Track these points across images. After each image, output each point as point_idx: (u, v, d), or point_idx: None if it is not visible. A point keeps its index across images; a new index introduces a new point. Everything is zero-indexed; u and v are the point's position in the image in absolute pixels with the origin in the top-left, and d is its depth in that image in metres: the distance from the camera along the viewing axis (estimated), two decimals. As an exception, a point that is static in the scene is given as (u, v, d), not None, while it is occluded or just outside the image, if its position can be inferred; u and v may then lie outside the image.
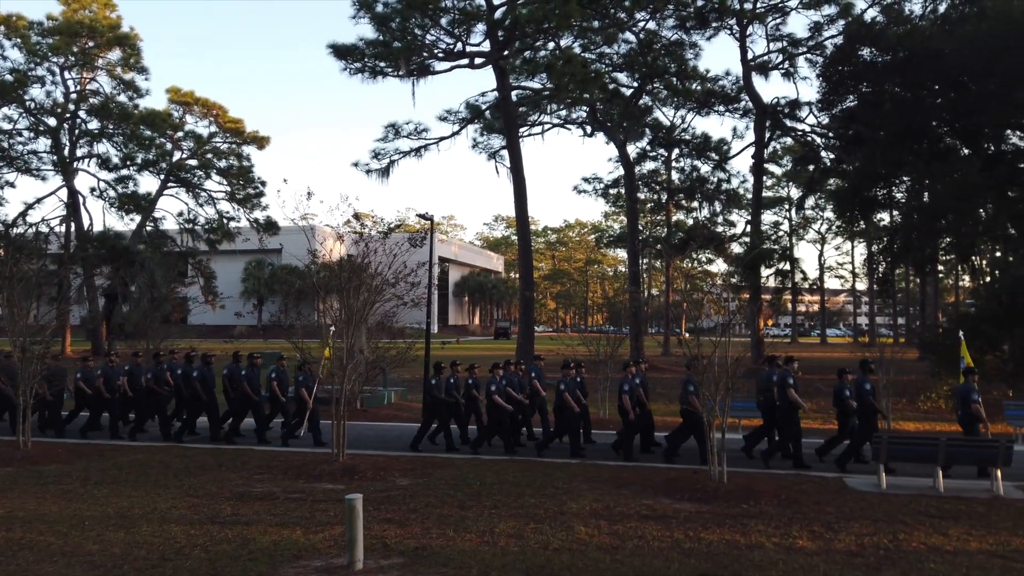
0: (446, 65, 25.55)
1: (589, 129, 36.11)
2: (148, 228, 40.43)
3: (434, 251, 18.53)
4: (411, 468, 11.67)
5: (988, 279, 33.09)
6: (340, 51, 24.01)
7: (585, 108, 33.55)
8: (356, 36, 43.03)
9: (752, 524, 8.63)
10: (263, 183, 41.52)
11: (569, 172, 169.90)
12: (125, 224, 41.41)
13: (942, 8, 26.80)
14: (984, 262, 40.11)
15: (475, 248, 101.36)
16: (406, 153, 28.37)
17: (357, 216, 12.47)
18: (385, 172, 28.17)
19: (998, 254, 32.67)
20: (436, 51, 24.84)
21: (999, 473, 10.19)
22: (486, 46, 25.10)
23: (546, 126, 35.08)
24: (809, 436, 14.26)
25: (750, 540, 8.04)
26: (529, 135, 35.90)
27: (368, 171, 28.37)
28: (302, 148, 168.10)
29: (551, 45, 28.65)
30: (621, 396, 12.92)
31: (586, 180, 49.64)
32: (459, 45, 24.90)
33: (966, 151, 26.37)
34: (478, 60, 25.23)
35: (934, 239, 26.78)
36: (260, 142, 41.58)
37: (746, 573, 7.02)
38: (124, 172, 39.52)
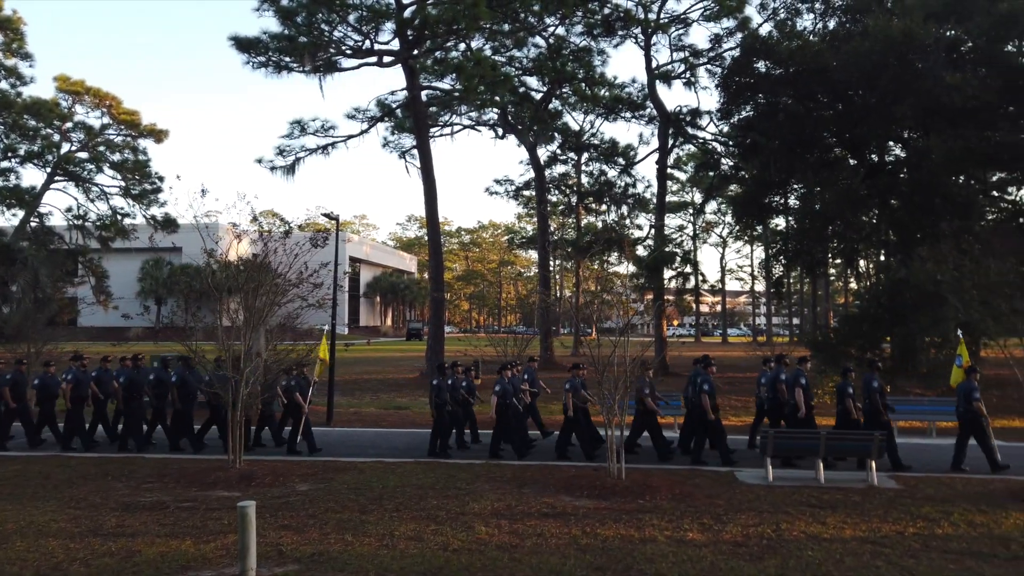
0: (354, 62, 25.09)
1: (500, 131, 36.40)
2: (33, 224, 37.91)
3: (339, 251, 18.21)
4: (311, 473, 11.44)
5: (873, 282, 35.23)
6: (243, 44, 23.20)
7: (496, 110, 33.77)
8: (260, 29, 41.67)
9: (647, 518, 8.91)
10: (161, 178, 39.54)
11: (483, 173, 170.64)
12: (6, 220, 38.74)
13: (831, 25, 28.46)
14: (870, 266, 42.73)
15: (387, 248, 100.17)
16: (313, 150, 27.74)
17: (255, 217, 12.13)
18: (290, 169, 27.46)
19: (882, 258, 34.79)
20: (344, 48, 24.34)
21: (874, 464, 10.90)
22: (395, 45, 24.83)
23: (457, 127, 35.12)
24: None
25: (644, 534, 8.31)
26: (440, 135, 35.85)
27: (273, 168, 27.58)
28: (206, 143, 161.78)
29: (462, 46, 28.71)
30: (643, 398, 12.92)
31: (498, 182, 50.02)
32: (367, 43, 24.51)
33: (853, 161, 28.06)
34: (387, 58, 24.89)
35: (824, 244, 28.35)
36: (158, 135, 39.62)
37: (638, 566, 7.25)
38: (5, 164, 36.93)
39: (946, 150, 21.10)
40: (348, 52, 24.67)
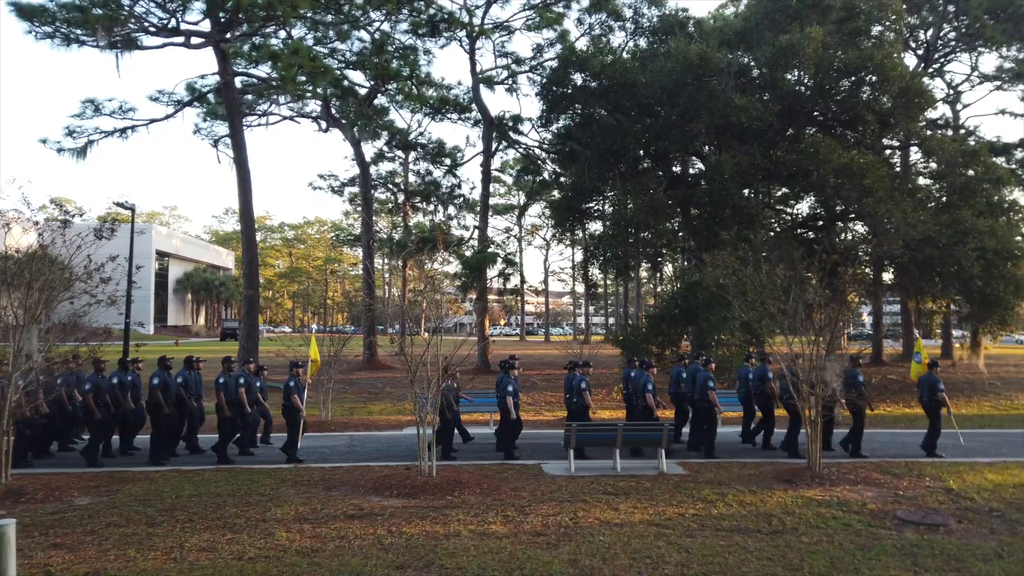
0: (158, 41, 23.16)
1: (324, 125, 35.30)
2: None
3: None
4: (94, 486, 10.48)
5: (678, 285, 38.05)
6: (24, 11, 20.63)
7: (319, 102, 32.73)
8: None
9: (453, 514, 9.05)
10: (-78, 156, 34.37)
11: (310, 167, 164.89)
12: None
13: (642, 44, 30.49)
14: (674, 269, 46.19)
15: (201, 242, 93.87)
16: (109, 133, 25.31)
17: (31, 204, 10.85)
18: (82, 152, 24.84)
19: (687, 263, 37.68)
20: (146, 24, 22.46)
21: (663, 452, 11.81)
22: (206, 26, 23.31)
23: (275, 117, 33.66)
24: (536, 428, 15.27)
25: (448, 530, 8.43)
26: (257, 125, 34.21)
27: (60, 150, 24.85)
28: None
29: (282, 34, 27.53)
30: (645, 395, 13.02)
31: (322, 177, 48.58)
32: (173, 21, 22.79)
33: (659, 172, 30.20)
34: (196, 40, 23.26)
35: (634, 248, 30.25)
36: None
37: (440, 561, 7.35)
38: None
39: (734, 165, 23.35)
40: (151, 30, 22.79)
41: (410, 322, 13.40)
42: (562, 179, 33.80)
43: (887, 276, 29.31)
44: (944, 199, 27.00)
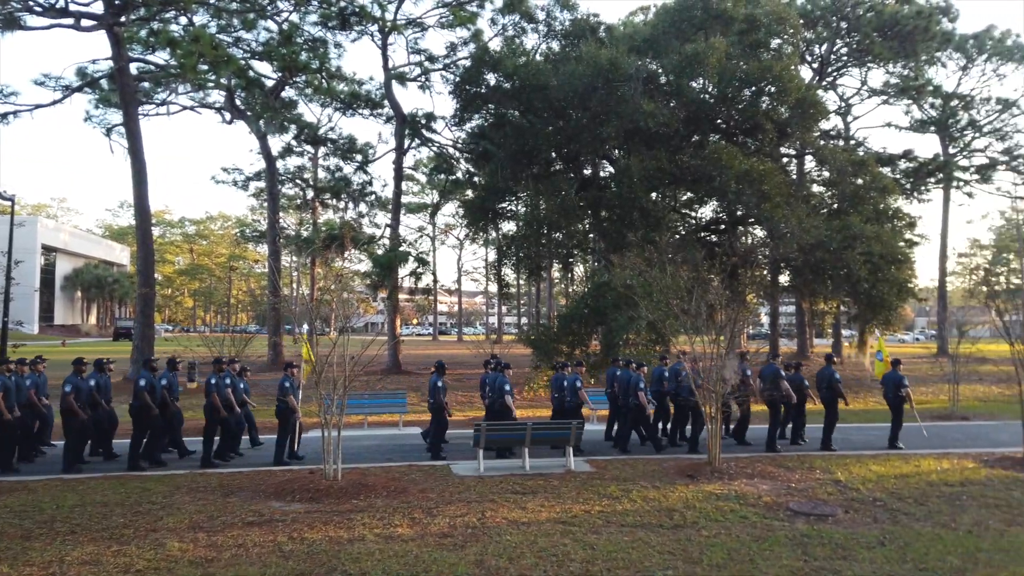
0: (44, 22, 21.65)
1: (228, 116, 33.95)
2: None
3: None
4: (-37, 498, 9.68)
5: (589, 285, 38.66)
6: None
7: (222, 93, 31.47)
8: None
9: (358, 518, 8.83)
10: None
11: (215, 160, 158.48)
12: None
13: (556, 47, 30.83)
14: (585, 269, 46.98)
15: (93, 237, 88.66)
16: (-13, 118, 23.59)
17: None
18: (-45, 138, 23.11)
19: (596, 264, 38.29)
20: (31, 3, 20.94)
21: (571, 450, 11.93)
22: (99, 8, 21.97)
23: (175, 107, 32.13)
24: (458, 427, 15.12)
25: (353, 534, 8.22)
26: (156, 114, 32.62)
27: (-69, 134, 22.98)
28: None
29: (183, 20, 26.28)
30: (638, 393, 13.31)
31: (225, 170, 46.75)
32: (62, 1, 21.34)
33: (571, 174, 30.61)
34: (87, 22, 21.91)
35: (547, 249, 30.56)
36: None
37: (343, 567, 7.14)
38: None
39: (642, 169, 23.93)
40: (37, 9, 21.28)
41: (319, 321, 13.11)
42: (475, 179, 33.74)
43: (783, 278, 30.73)
44: (835, 206, 28.54)
